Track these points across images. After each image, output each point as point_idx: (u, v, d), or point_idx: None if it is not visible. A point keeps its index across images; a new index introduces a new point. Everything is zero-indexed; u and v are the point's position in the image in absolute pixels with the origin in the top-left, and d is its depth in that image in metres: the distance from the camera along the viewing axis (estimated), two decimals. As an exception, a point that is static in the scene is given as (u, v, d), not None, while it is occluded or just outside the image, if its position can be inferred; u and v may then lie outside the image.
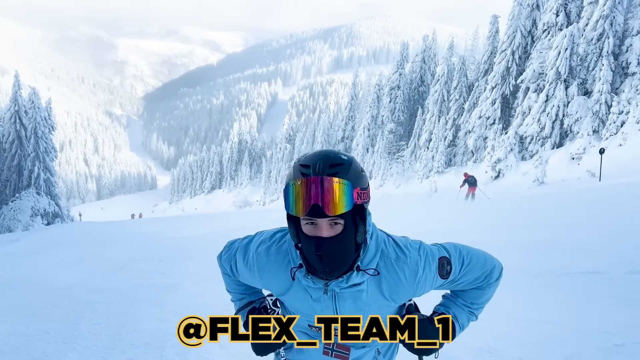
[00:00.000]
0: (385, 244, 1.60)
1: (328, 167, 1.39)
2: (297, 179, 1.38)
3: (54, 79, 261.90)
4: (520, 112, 29.05)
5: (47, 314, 6.08)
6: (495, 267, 1.74)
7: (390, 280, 1.57)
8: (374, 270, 1.54)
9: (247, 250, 1.74)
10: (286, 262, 1.62)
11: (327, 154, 1.44)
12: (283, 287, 1.65)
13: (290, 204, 1.38)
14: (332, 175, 1.37)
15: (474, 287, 1.75)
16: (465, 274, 1.67)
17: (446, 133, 36.57)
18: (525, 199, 17.46)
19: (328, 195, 1.34)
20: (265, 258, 1.66)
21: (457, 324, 1.76)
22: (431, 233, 10.31)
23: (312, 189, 1.35)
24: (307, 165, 1.40)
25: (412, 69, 44.55)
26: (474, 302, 1.78)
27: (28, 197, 28.91)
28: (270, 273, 1.66)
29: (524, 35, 30.84)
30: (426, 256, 1.60)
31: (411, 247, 1.61)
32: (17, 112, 28.83)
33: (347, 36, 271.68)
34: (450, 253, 1.65)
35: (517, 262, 6.18)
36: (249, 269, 1.72)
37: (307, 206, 1.35)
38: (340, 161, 1.41)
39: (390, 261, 1.57)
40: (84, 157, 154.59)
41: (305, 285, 1.58)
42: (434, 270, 1.60)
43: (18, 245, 15.84)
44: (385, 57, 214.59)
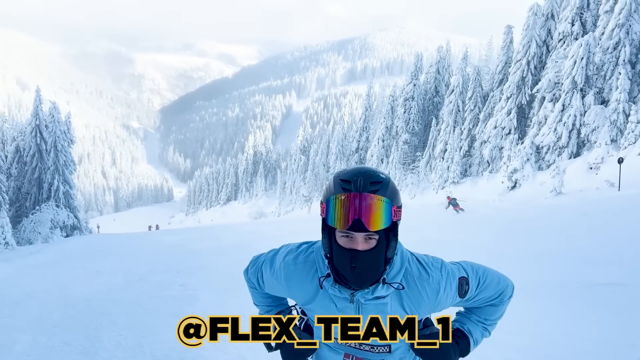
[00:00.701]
0: (409, 262, 1.66)
1: (369, 183, 1.44)
2: (340, 194, 1.43)
3: (73, 93, 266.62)
4: (536, 122, 28.83)
5: (68, 326, 6.18)
6: (508, 286, 1.82)
7: (412, 297, 1.63)
8: (398, 284, 1.60)
9: (274, 261, 1.81)
10: (313, 272, 1.68)
11: (367, 171, 1.49)
12: (308, 296, 1.70)
13: (332, 217, 1.44)
14: (373, 193, 1.43)
15: (488, 304, 1.82)
16: (480, 292, 1.75)
17: (461, 143, 36.40)
18: (542, 209, 17.26)
19: (371, 211, 1.41)
20: (293, 267, 1.72)
21: (472, 339, 1.82)
22: (449, 242, 10.27)
23: (355, 204, 1.41)
24: (348, 180, 1.45)
25: (426, 79, 44.54)
26: (488, 319, 1.85)
27: (48, 210, 29.35)
28: (296, 282, 1.72)
29: (538, 45, 30.70)
30: (447, 275, 1.66)
31: (433, 266, 1.67)
32: (38, 126, 29.36)
33: (361, 48, 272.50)
34: (468, 273, 1.72)
35: (537, 274, 6.13)
36: (276, 277, 1.78)
37: (349, 220, 1.41)
38: (380, 179, 1.47)
39: (413, 278, 1.63)
40: (102, 170, 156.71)
41: (331, 295, 1.64)
42: (454, 289, 1.67)
43: (38, 257, 16.10)
44: (399, 68, 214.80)
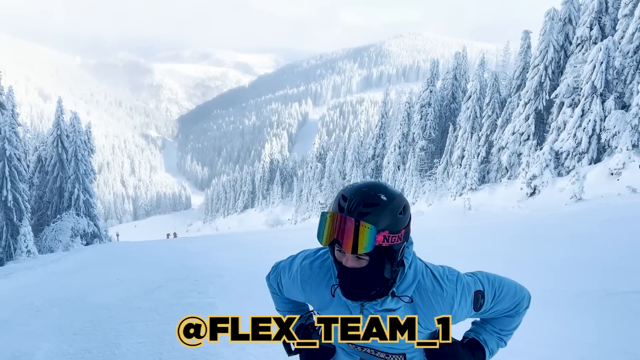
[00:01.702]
0: (422, 275, 1.63)
1: (362, 205, 1.42)
2: (330, 211, 1.45)
3: (93, 103, 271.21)
4: (555, 128, 28.47)
5: (89, 333, 6.26)
6: (525, 297, 1.81)
7: (425, 311, 1.61)
8: (408, 298, 1.58)
9: (292, 265, 1.84)
10: (327, 277, 1.70)
11: (368, 191, 1.46)
12: (324, 301, 1.71)
13: (318, 232, 1.45)
14: (363, 216, 1.40)
15: (504, 315, 1.81)
16: (496, 304, 1.73)
17: (479, 150, 36.10)
18: (562, 215, 17.02)
19: (348, 235, 1.39)
20: (309, 271, 1.74)
21: (487, 350, 1.82)
22: (467, 250, 10.17)
23: (335, 226, 1.41)
24: (343, 199, 1.45)
25: (443, 85, 44.34)
26: (504, 329, 1.84)
27: (68, 218, 29.85)
28: (312, 286, 1.73)
29: (556, 50, 30.38)
30: (462, 289, 1.64)
31: (449, 280, 1.64)
32: (60, 136, 29.95)
33: (377, 55, 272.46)
34: (484, 285, 1.70)
35: (557, 282, 6.04)
36: (293, 281, 1.81)
37: (329, 239, 1.43)
38: (377, 202, 1.43)
39: (427, 293, 1.61)
40: (121, 179, 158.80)
41: (344, 302, 1.64)
42: (469, 304, 1.66)
43: (59, 265, 16.37)
44: (415, 75, 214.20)
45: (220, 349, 5.04)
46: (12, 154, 23.30)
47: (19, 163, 23.80)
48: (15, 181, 23.52)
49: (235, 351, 4.85)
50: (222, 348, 5.06)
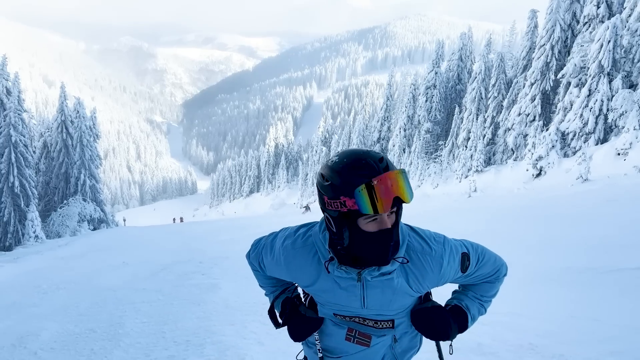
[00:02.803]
0: (410, 237, 1.66)
1: (380, 162, 1.44)
2: (368, 181, 1.39)
3: (97, 89, 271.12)
4: (561, 108, 28.17)
5: (94, 314, 6.33)
6: (503, 264, 1.88)
7: (416, 272, 1.64)
8: (402, 257, 1.60)
9: (274, 246, 1.81)
10: (312, 254, 1.68)
11: (363, 152, 1.49)
12: (311, 278, 1.71)
13: (370, 205, 1.38)
14: (391, 169, 1.43)
15: (484, 281, 1.87)
16: (479, 269, 1.78)
17: (485, 131, 35.83)
18: (568, 196, 16.94)
19: (404, 185, 1.41)
20: (292, 251, 1.72)
21: (469, 315, 1.86)
22: (473, 231, 10.16)
23: (388, 185, 1.38)
24: (361, 167, 1.43)
25: (448, 67, 43.87)
26: (484, 295, 1.89)
27: (75, 204, 30.06)
28: (297, 265, 1.72)
29: (563, 29, 29.92)
30: (450, 250, 1.67)
31: (436, 240, 1.68)
32: (64, 122, 30.00)
33: (382, 37, 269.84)
34: (469, 249, 1.74)
35: (561, 260, 6.03)
36: (276, 262, 1.79)
37: (390, 201, 1.39)
38: (380, 155, 1.48)
39: (416, 253, 1.63)
40: (127, 164, 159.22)
41: (335, 277, 1.64)
42: (457, 263, 1.69)
43: (66, 250, 16.53)
44: (421, 57, 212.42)
45: (223, 327, 5.09)
46: (18, 140, 23.40)
47: (25, 149, 23.91)
48: (22, 167, 23.66)
49: (238, 329, 4.89)
50: (225, 326, 5.10)
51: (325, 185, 1.49)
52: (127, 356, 4.51)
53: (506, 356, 3.60)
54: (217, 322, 5.29)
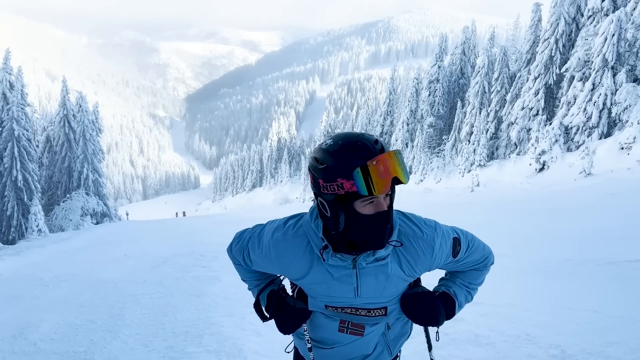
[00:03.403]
0: (401, 221, 1.66)
1: (375, 143, 1.44)
2: (367, 162, 1.37)
3: (100, 83, 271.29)
4: (565, 102, 28.05)
5: (94, 306, 6.36)
6: (491, 253, 1.90)
7: (408, 256, 1.63)
8: (396, 241, 1.59)
9: (261, 239, 1.76)
10: (304, 245, 1.65)
11: (358, 134, 1.48)
12: (303, 270, 1.67)
13: (367, 186, 1.37)
14: (386, 150, 1.43)
15: (472, 269, 1.88)
16: (469, 255, 1.79)
17: (488, 125, 35.72)
18: (570, 190, 16.90)
19: (400, 166, 1.39)
20: (284, 243, 1.68)
21: (457, 302, 1.87)
22: (473, 224, 10.15)
23: (387, 165, 1.37)
24: (357, 148, 1.41)
25: (451, 61, 43.66)
26: (472, 283, 1.91)
27: (78, 198, 30.12)
28: (289, 257, 1.68)
29: (567, 23, 29.73)
30: (442, 234, 1.67)
31: (427, 224, 1.67)
32: (66, 116, 30.01)
33: (385, 31, 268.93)
34: (460, 235, 1.75)
35: (560, 252, 6.01)
36: (266, 256, 1.74)
37: (389, 181, 1.38)
38: (373, 137, 1.47)
39: (408, 237, 1.63)
40: (130, 159, 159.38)
41: (328, 266, 1.62)
42: (449, 248, 1.69)
43: (69, 243, 16.57)
44: (424, 51, 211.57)
45: (222, 318, 5.11)
46: (21, 135, 23.43)
47: (28, 143, 23.94)
48: (25, 161, 23.70)
49: (236, 320, 4.90)
50: (223, 318, 5.12)
51: (319, 168, 1.46)
52: (126, 347, 4.52)
53: (503, 346, 3.60)
54: (217, 313, 5.30)
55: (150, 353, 4.32)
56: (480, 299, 4.70)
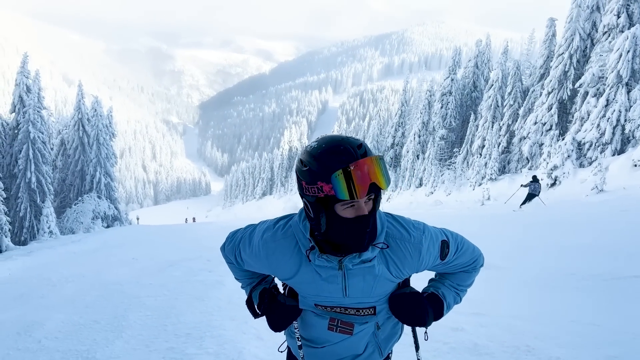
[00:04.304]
0: (389, 223, 1.67)
1: (357, 148, 1.44)
2: (345, 167, 1.39)
3: (115, 88, 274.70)
4: (578, 118, 27.85)
5: (99, 306, 6.41)
6: (481, 255, 1.91)
7: (395, 258, 1.65)
8: (382, 243, 1.60)
9: (252, 239, 1.79)
10: (293, 245, 1.67)
11: (341, 138, 1.48)
12: (292, 270, 1.70)
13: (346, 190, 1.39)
14: (369, 155, 1.43)
15: (461, 271, 1.90)
16: (458, 257, 1.81)
17: (500, 139, 35.57)
18: (581, 205, 16.74)
19: (380, 172, 1.41)
20: (273, 244, 1.70)
21: (445, 303, 1.88)
22: (480, 236, 10.09)
23: (365, 170, 1.39)
24: (338, 152, 1.42)
25: (464, 74, 43.66)
26: (460, 284, 1.92)
27: (90, 201, 30.40)
28: (278, 257, 1.70)
29: (582, 38, 29.61)
30: (430, 237, 1.69)
31: (415, 227, 1.68)
32: (81, 120, 30.40)
33: (399, 43, 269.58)
34: (449, 237, 1.77)
35: (566, 265, 5.96)
36: (256, 256, 1.76)
37: (366, 187, 1.39)
38: (358, 141, 1.47)
39: (395, 240, 1.64)
40: (142, 164, 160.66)
41: (316, 266, 1.64)
42: (437, 250, 1.71)
43: (79, 246, 16.72)
44: (438, 63, 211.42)
45: (224, 321, 5.13)
46: (36, 137, 23.76)
47: (42, 146, 24.26)
48: (39, 163, 24.01)
49: (238, 324, 4.92)
50: (225, 321, 5.14)
51: (303, 170, 1.49)
52: (128, 347, 4.56)
53: (502, 357, 3.58)
54: (219, 317, 5.32)
55: (151, 353, 4.35)
56: (481, 309, 4.70)
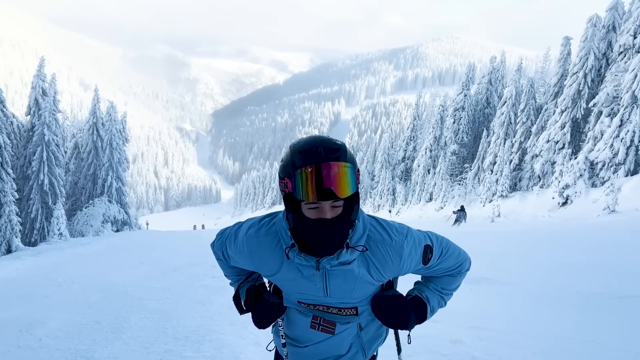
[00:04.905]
0: (371, 227, 1.66)
1: (330, 152, 1.43)
2: (306, 166, 1.41)
3: (131, 94, 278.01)
4: (591, 137, 27.65)
5: (102, 307, 6.44)
6: (467, 259, 1.90)
7: (376, 262, 1.64)
8: (362, 247, 1.60)
9: (237, 235, 1.81)
10: (276, 242, 1.68)
11: (324, 139, 1.48)
12: (274, 267, 1.70)
13: (300, 190, 1.41)
14: (336, 160, 1.42)
15: (446, 274, 1.88)
16: (442, 262, 1.80)
17: (512, 156, 35.39)
18: (591, 225, 16.55)
19: (339, 179, 1.40)
20: (256, 240, 1.72)
21: (429, 307, 1.87)
22: (487, 252, 10.02)
23: (323, 174, 1.39)
24: (309, 151, 1.43)
25: (478, 90, 43.61)
26: (445, 288, 1.91)
27: (100, 204, 30.62)
28: (260, 254, 1.71)
29: (597, 58, 29.48)
30: (413, 241, 1.68)
31: (397, 231, 1.67)
32: (95, 124, 30.75)
33: (413, 57, 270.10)
34: (433, 242, 1.76)
35: (571, 283, 5.90)
36: (240, 251, 1.78)
37: (320, 191, 1.39)
38: (337, 146, 1.46)
39: (376, 243, 1.64)
40: (154, 169, 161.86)
41: (297, 264, 1.64)
42: (419, 255, 1.70)
43: (87, 248, 16.84)
44: (451, 79, 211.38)
45: (223, 326, 5.13)
46: (51, 140, 24.04)
47: (56, 148, 24.53)
48: (52, 166, 24.27)
49: (237, 329, 4.91)
50: (225, 326, 5.14)
51: (280, 164, 1.53)
52: (127, 348, 4.58)
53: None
54: (219, 321, 5.32)
55: (149, 355, 4.35)
56: (481, 323, 4.65)
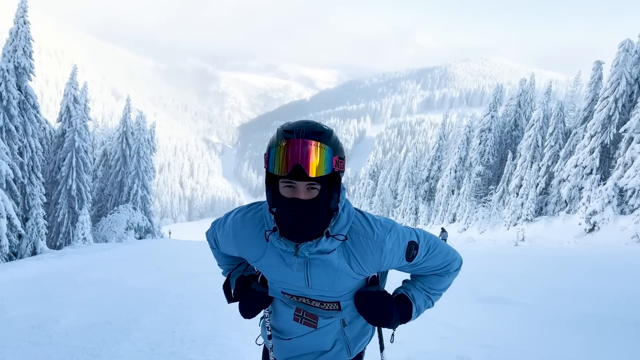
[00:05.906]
0: (356, 219, 1.65)
1: (311, 133, 1.44)
2: (281, 141, 1.43)
3: (160, 105, 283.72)
4: (621, 163, 27.01)
5: (115, 309, 6.51)
6: (457, 259, 1.85)
7: (356, 254, 1.62)
8: (343, 236, 1.58)
9: (226, 220, 1.83)
10: (260, 226, 1.69)
11: (310, 122, 1.50)
12: (258, 252, 1.71)
13: (273, 164, 1.43)
14: (314, 140, 1.43)
15: (433, 274, 1.84)
16: (428, 259, 1.76)
17: (538, 180, 34.79)
18: (618, 253, 16.09)
19: (310, 157, 1.40)
20: (241, 223, 1.74)
21: (415, 305, 1.83)
22: (508, 275, 9.83)
23: (295, 150, 1.40)
24: (291, 130, 1.45)
25: (506, 112, 43.19)
26: (432, 288, 1.86)
27: (125, 211, 31.10)
28: (244, 238, 1.72)
29: (629, 83, 28.91)
30: (396, 236, 1.65)
31: (382, 226, 1.65)
32: (125, 133, 31.43)
33: (441, 77, 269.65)
34: (419, 239, 1.72)
35: (589, 308, 5.71)
36: (226, 235, 1.80)
37: (289, 166, 1.40)
38: (322, 130, 1.48)
39: (359, 236, 1.62)
40: (180, 180, 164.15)
41: (279, 250, 1.64)
42: (402, 250, 1.67)
43: (109, 253, 17.13)
44: (479, 100, 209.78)
45: (230, 332, 5.12)
46: (80, 146, 24.63)
47: (85, 155, 25.11)
48: (81, 172, 24.83)
49: (244, 335, 4.90)
50: (232, 332, 5.13)
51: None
52: (134, 348, 4.60)
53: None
54: (227, 327, 5.32)
55: (155, 356, 4.37)
56: (493, 342, 4.53)
